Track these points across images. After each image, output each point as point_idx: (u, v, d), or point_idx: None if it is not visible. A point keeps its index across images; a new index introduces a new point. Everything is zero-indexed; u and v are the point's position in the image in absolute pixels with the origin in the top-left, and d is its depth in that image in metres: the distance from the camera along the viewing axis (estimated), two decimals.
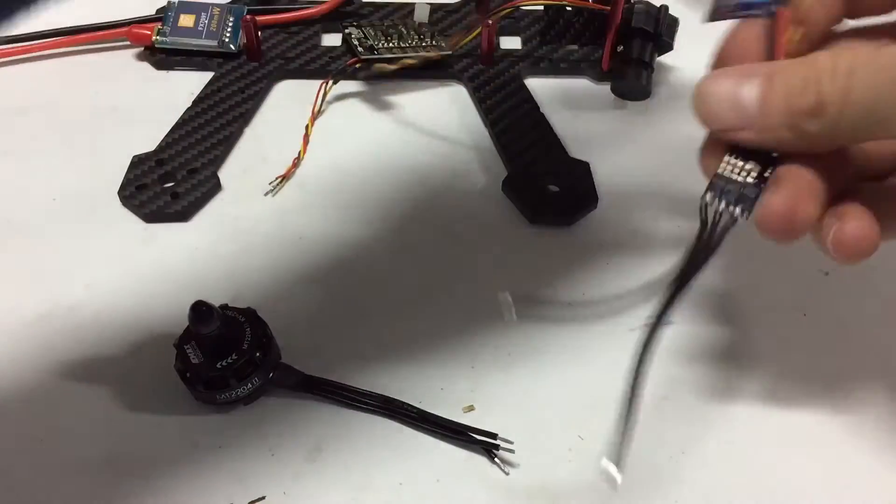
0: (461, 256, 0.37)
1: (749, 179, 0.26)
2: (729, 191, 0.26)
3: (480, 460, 0.30)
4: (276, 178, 0.39)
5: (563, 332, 0.34)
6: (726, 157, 0.26)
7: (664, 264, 0.36)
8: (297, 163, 0.40)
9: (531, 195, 0.38)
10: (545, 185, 0.38)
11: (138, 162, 0.39)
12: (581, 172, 0.39)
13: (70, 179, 0.39)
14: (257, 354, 0.31)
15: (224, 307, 0.31)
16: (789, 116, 0.24)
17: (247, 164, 0.40)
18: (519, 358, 0.33)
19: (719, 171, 0.26)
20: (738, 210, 0.26)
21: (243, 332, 0.31)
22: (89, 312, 0.34)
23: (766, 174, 0.26)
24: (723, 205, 0.26)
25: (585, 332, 0.34)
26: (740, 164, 0.26)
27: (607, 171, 0.40)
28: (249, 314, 0.32)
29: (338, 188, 0.39)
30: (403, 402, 0.31)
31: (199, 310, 0.29)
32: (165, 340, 0.32)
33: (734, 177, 0.26)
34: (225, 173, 0.40)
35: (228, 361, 0.30)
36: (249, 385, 0.31)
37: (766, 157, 0.26)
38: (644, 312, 0.35)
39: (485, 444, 0.30)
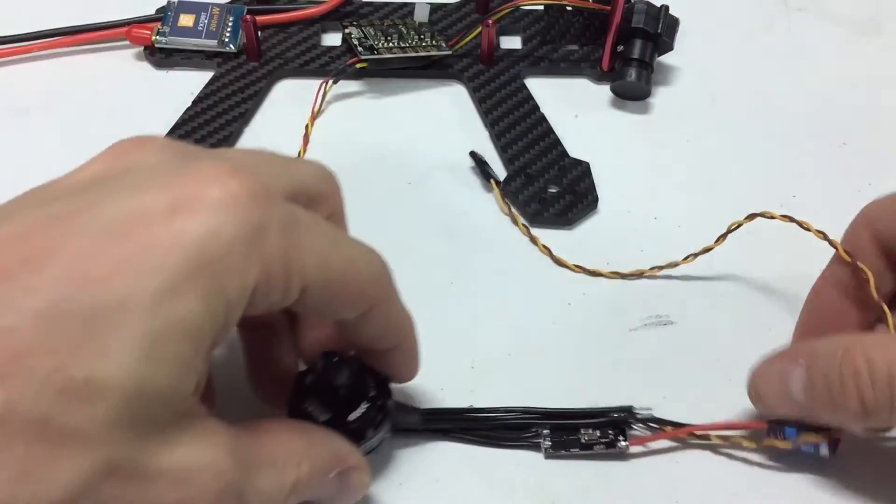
0: (461, 256, 0.37)
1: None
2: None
3: (480, 460, 0.30)
4: None
5: (562, 332, 0.34)
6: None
7: (664, 264, 0.36)
8: None
9: (531, 195, 0.38)
10: (545, 186, 0.38)
11: None
12: (581, 172, 0.39)
13: None
14: (388, 401, 0.28)
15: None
16: (837, 414, 0.26)
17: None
18: (519, 358, 0.33)
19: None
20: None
21: (364, 377, 0.28)
22: None
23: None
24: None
25: (585, 333, 0.34)
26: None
27: (607, 171, 0.40)
28: (358, 358, 0.28)
29: None
30: (524, 408, 0.30)
31: (332, 361, 0.27)
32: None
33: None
34: None
35: (361, 412, 0.27)
36: (380, 433, 0.28)
37: None
38: (644, 312, 0.35)
39: (620, 420, 0.30)
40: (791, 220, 0.35)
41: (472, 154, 0.40)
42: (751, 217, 0.36)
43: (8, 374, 0.17)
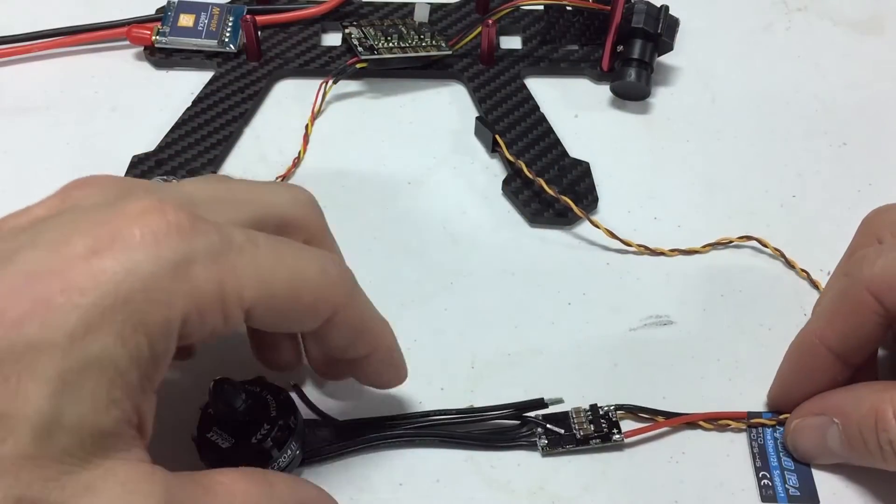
0: (461, 256, 0.37)
1: None
2: None
3: (481, 460, 0.30)
4: (276, 178, 0.39)
5: (562, 332, 0.34)
6: None
7: (664, 264, 0.36)
8: (296, 163, 0.40)
9: (531, 195, 0.38)
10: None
11: (138, 162, 0.39)
12: (581, 172, 0.39)
13: (69, 180, 0.39)
14: (291, 419, 0.28)
15: (234, 383, 0.28)
16: (877, 464, 0.27)
17: (246, 164, 0.40)
18: (519, 358, 0.33)
19: None
20: None
21: (265, 400, 0.29)
22: None
23: None
24: None
25: (585, 333, 0.34)
26: None
27: (607, 171, 0.40)
28: (261, 382, 0.29)
29: (338, 188, 0.39)
30: (439, 410, 0.31)
31: (224, 388, 0.27)
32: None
33: None
34: (225, 173, 0.40)
35: (263, 433, 0.28)
36: (289, 452, 0.28)
37: None
38: (644, 312, 0.35)
39: (534, 412, 0.31)
40: (781, 255, 0.36)
41: (479, 119, 0.40)
42: (745, 238, 0.36)
43: None
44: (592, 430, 0.30)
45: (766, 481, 0.30)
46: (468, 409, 0.31)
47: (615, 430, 0.30)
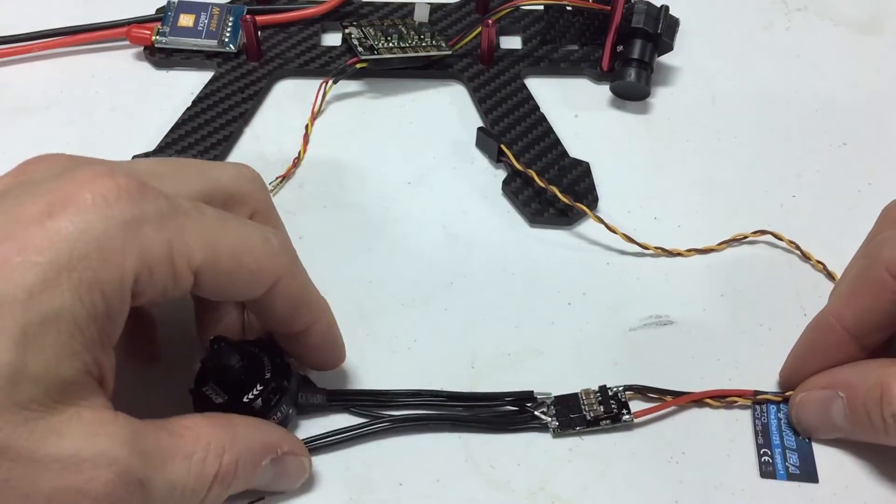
0: (461, 257, 0.37)
1: None
2: None
3: (481, 460, 0.30)
4: (276, 178, 0.39)
5: (562, 332, 0.34)
6: None
7: (664, 264, 0.36)
8: (296, 163, 0.40)
9: (531, 195, 0.38)
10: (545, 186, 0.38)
11: None
12: (581, 172, 0.39)
13: None
14: (284, 382, 0.30)
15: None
16: (880, 439, 0.28)
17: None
18: (518, 358, 0.33)
19: None
20: None
21: (262, 361, 0.30)
22: None
23: None
24: None
25: (585, 333, 0.34)
26: None
27: (607, 171, 0.40)
28: (261, 342, 0.30)
29: (338, 188, 0.39)
30: (431, 391, 0.31)
31: (221, 345, 0.28)
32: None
33: None
34: None
35: (255, 393, 0.29)
36: (279, 413, 0.29)
37: None
38: (644, 312, 0.35)
39: (522, 403, 0.31)
40: (796, 247, 0.36)
41: (481, 129, 0.40)
42: (760, 233, 0.36)
43: None
44: (602, 412, 0.31)
45: (766, 458, 0.30)
46: (466, 394, 0.32)
47: (625, 411, 0.31)
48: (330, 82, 0.42)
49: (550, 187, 0.37)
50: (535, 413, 0.31)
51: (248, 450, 0.26)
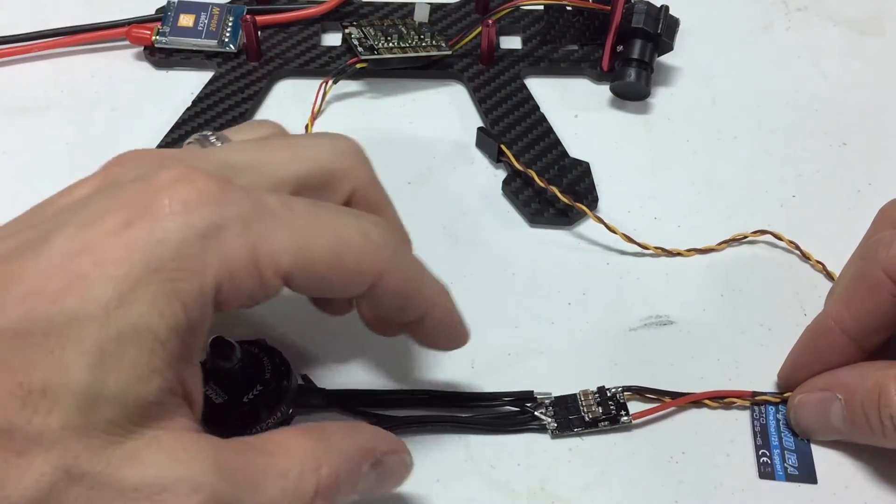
0: (461, 257, 0.37)
1: None
2: None
3: (481, 460, 0.30)
4: None
5: (562, 332, 0.34)
6: None
7: (664, 264, 0.36)
8: None
9: (531, 195, 0.38)
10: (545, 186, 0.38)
11: None
12: (581, 172, 0.39)
13: (69, 180, 0.39)
14: (284, 383, 0.30)
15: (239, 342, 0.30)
16: (878, 442, 0.28)
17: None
18: (518, 359, 0.33)
19: None
20: None
21: (261, 361, 0.30)
22: None
23: None
24: None
25: (585, 333, 0.34)
26: None
27: (607, 171, 0.40)
28: (260, 344, 0.31)
29: None
30: (431, 391, 0.31)
31: (220, 346, 0.28)
32: None
33: None
34: None
35: (255, 393, 0.29)
36: (279, 414, 0.30)
37: None
38: (644, 312, 0.35)
39: (522, 403, 0.31)
40: (796, 247, 0.36)
41: (481, 129, 0.40)
42: (759, 232, 0.36)
43: None
44: (601, 413, 0.31)
45: (765, 458, 0.30)
46: (466, 394, 0.32)
47: (623, 412, 0.31)
48: (330, 82, 0.42)
49: (550, 187, 0.37)
50: (535, 413, 0.31)
51: (346, 458, 0.24)
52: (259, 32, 0.43)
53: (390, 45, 0.43)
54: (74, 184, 0.24)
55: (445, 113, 0.43)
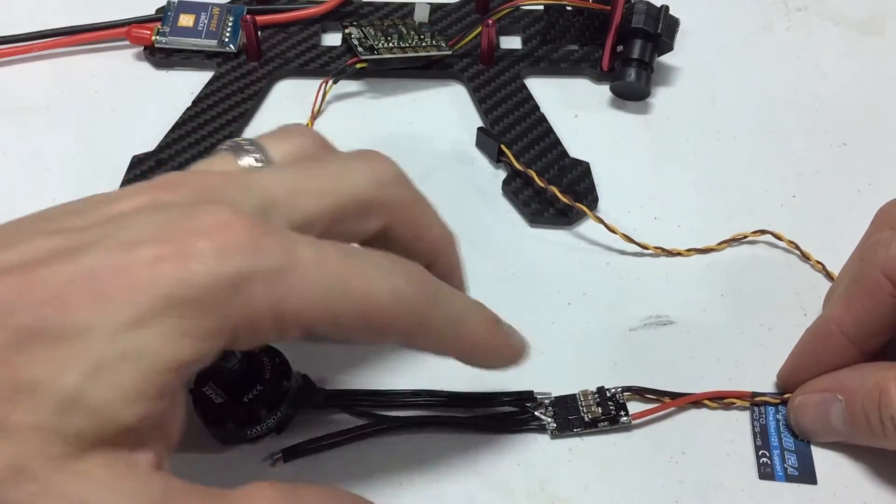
0: (461, 257, 0.37)
1: None
2: None
3: (480, 460, 0.30)
4: None
5: (562, 332, 0.34)
6: None
7: (664, 264, 0.36)
8: None
9: (531, 195, 0.38)
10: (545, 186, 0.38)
11: (138, 162, 0.39)
12: (581, 172, 0.39)
13: (69, 180, 0.39)
14: (284, 383, 0.30)
15: None
16: (879, 443, 0.28)
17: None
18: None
19: None
20: None
21: (261, 361, 0.30)
22: None
23: None
24: None
25: (585, 333, 0.34)
26: None
27: (607, 171, 0.40)
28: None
29: None
30: (431, 391, 0.31)
31: None
32: None
33: None
34: None
35: (255, 394, 0.29)
36: (279, 413, 0.30)
37: None
38: (644, 312, 0.35)
39: (522, 403, 0.31)
40: (796, 247, 0.36)
41: (481, 129, 0.40)
42: (759, 232, 0.36)
43: None
44: (600, 413, 0.31)
45: (765, 459, 0.30)
46: (466, 394, 0.32)
47: (622, 413, 0.31)
48: (330, 82, 0.42)
49: (550, 187, 0.37)
50: (535, 413, 0.31)
51: None
52: (259, 32, 0.43)
53: (390, 45, 0.43)
54: (117, 194, 0.24)
55: (445, 113, 0.43)
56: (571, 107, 0.43)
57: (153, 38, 0.44)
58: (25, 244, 0.21)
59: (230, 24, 0.44)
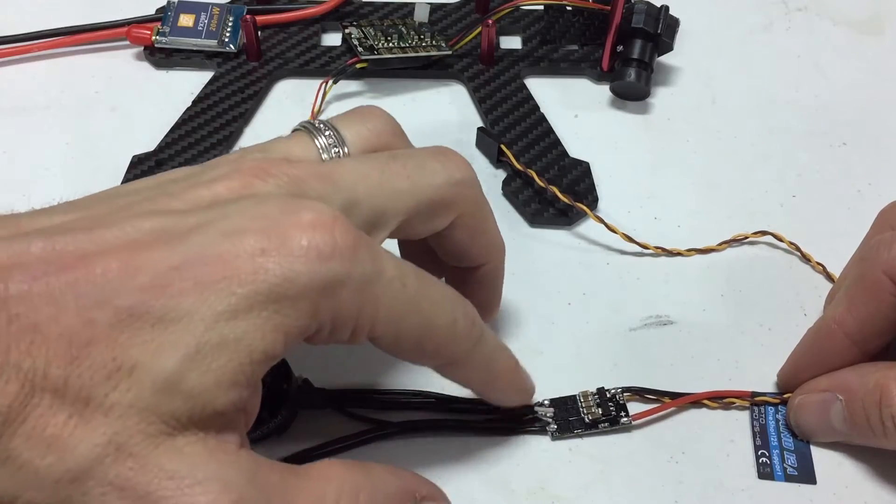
0: None
1: None
2: None
3: (481, 461, 0.30)
4: None
5: (562, 332, 0.34)
6: None
7: (664, 264, 0.36)
8: None
9: (531, 195, 0.38)
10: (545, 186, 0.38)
11: (138, 162, 0.39)
12: (581, 172, 0.39)
13: (70, 180, 0.39)
14: (283, 385, 0.30)
15: None
16: (879, 443, 0.28)
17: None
18: (519, 358, 0.33)
19: None
20: None
21: None
22: None
23: None
24: None
25: (585, 333, 0.34)
26: None
27: (607, 171, 0.40)
28: None
29: None
30: (431, 391, 0.31)
31: None
32: None
33: None
34: None
35: None
36: (280, 416, 0.30)
37: None
38: (644, 312, 0.35)
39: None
40: (797, 248, 0.36)
41: (481, 129, 0.40)
42: (760, 233, 0.36)
43: (76, 357, 0.20)
44: (601, 414, 0.31)
45: (764, 459, 0.30)
46: (465, 396, 0.31)
47: (623, 413, 0.31)
48: (330, 82, 0.42)
49: (550, 187, 0.37)
50: (535, 414, 0.31)
51: (386, 494, 0.25)
52: (259, 32, 0.43)
53: (390, 45, 0.43)
54: (208, 175, 0.24)
55: (445, 113, 0.43)
56: (571, 107, 0.43)
57: (153, 38, 0.44)
58: (127, 224, 0.22)
59: (230, 24, 0.44)
